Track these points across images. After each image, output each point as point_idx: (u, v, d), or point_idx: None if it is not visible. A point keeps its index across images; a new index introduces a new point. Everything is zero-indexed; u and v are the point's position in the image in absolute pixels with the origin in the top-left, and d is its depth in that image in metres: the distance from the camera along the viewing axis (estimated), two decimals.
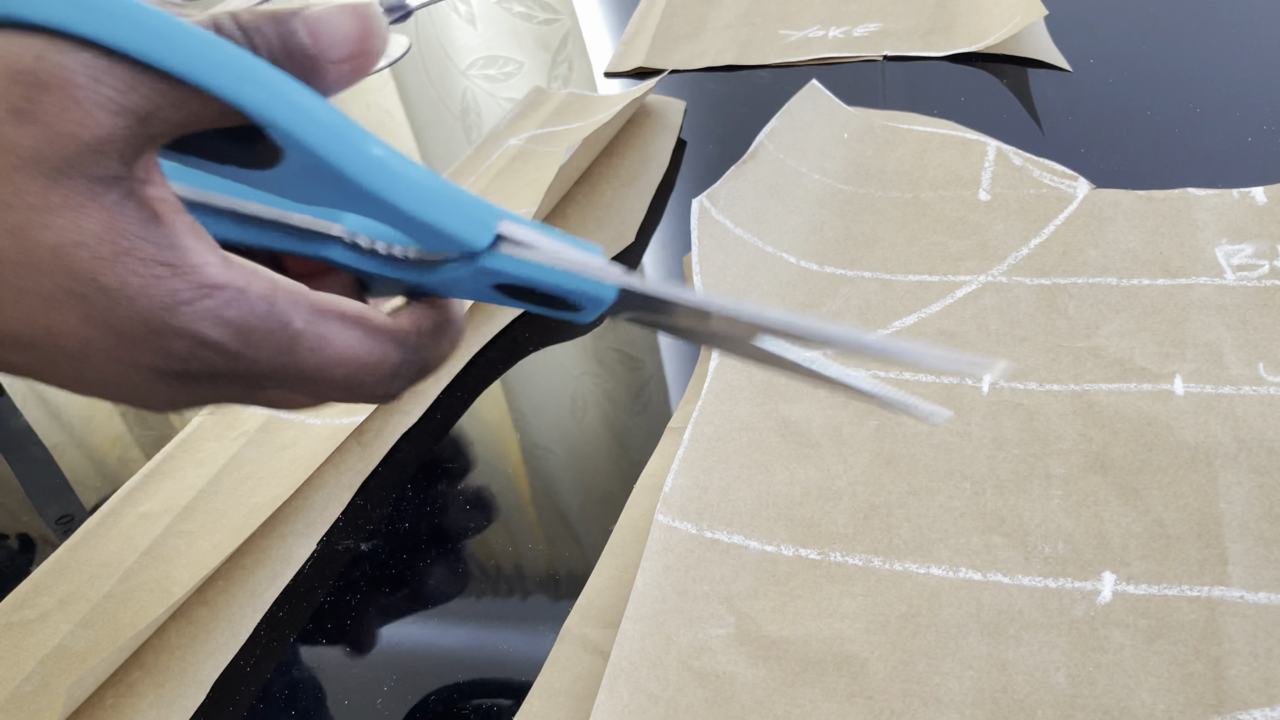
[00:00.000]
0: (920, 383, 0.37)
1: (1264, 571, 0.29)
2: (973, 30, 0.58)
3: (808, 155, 0.49)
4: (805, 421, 0.37)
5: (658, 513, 0.34)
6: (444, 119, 0.63)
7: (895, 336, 0.26)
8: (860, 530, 0.33)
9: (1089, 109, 0.50)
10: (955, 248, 0.43)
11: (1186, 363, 0.36)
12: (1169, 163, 0.46)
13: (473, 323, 0.44)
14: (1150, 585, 0.30)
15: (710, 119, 0.57)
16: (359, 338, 0.23)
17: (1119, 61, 0.53)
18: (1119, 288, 0.39)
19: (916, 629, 0.30)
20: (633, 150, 0.53)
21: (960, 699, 0.28)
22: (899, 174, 0.48)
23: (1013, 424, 0.35)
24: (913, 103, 0.53)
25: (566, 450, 0.40)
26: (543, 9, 0.73)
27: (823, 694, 0.29)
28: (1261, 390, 0.34)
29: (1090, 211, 0.43)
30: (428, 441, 0.41)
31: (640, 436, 0.39)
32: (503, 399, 0.43)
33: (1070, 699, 0.28)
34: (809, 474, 0.35)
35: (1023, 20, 0.54)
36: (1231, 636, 0.28)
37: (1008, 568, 0.31)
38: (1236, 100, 0.48)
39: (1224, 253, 0.40)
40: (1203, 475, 0.32)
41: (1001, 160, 0.46)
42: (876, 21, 0.61)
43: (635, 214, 0.49)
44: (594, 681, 0.30)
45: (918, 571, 0.32)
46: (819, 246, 0.44)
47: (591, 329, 0.45)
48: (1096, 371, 0.36)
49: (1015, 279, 0.41)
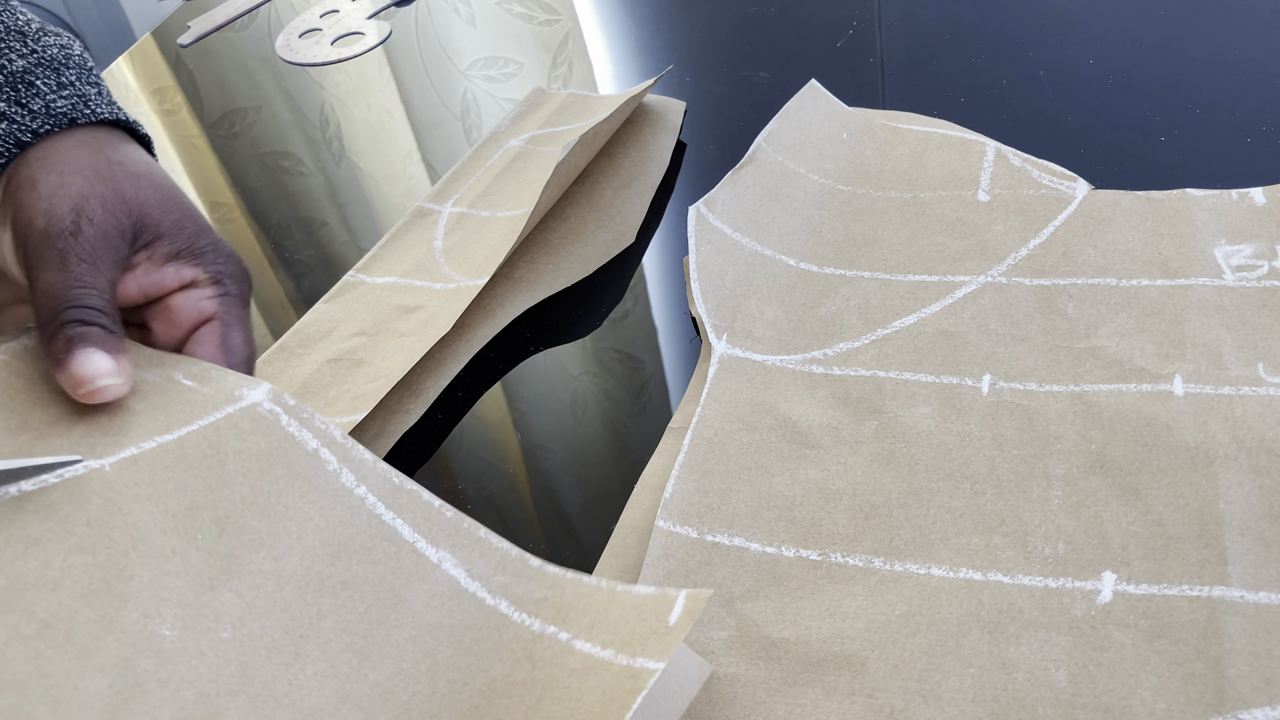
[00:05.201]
0: (920, 383, 0.38)
1: (1264, 571, 0.29)
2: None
3: (807, 156, 0.49)
4: (805, 422, 0.37)
5: (659, 519, 0.34)
6: (444, 119, 0.63)
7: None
8: (861, 531, 0.33)
9: (1089, 109, 0.50)
10: (955, 248, 0.43)
11: (1186, 363, 0.36)
12: (1168, 163, 0.46)
13: (473, 323, 0.44)
14: (1150, 585, 0.30)
15: (710, 119, 0.57)
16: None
17: (1119, 61, 0.53)
18: (1118, 288, 0.39)
19: (917, 628, 0.30)
20: (633, 151, 0.53)
21: (961, 697, 0.28)
22: (898, 174, 0.48)
23: (1013, 424, 0.35)
24: (912, 103, 0.53)
25: (566, 450, 0.40)
26: (543, 9, 0.73)
27: (824, 693, 0.29)
28: (1261, 390, 0.34)
29: (1089, 212, 0.43)
30: (428, 441, 0.41)
31: (640, 436, 0.39)
32: (503, 399, 0.43)
33: (1071, 698, 0.28)
34: (809, 475, 0.35)
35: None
36: (1232, 636, 0.28)
37: (1008, 567, 0.31)
38: (1236, 100, 0.48)
39: (1223, 253, 0.40)
40: (1203, 475, 0.32)
41: (1001, 161, 0.47)
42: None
43: (635, 215, 0.50)
44: None
45: (918, 571, 0.32)
46: (818, 247, 0.44)
47: (592, 329, 0.45)
48: (1096, 372, 0.36)
49: (1015, 279, 0.41)
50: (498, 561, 0.30)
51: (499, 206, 0.51)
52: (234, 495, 0.29)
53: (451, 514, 0.30)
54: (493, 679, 0.28)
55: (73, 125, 0.33)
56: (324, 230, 0.56)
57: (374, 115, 0.66)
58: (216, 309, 0.33)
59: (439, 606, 0.29)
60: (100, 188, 0.32)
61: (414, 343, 0.42)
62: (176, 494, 0.28)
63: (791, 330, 0.41)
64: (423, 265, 0.48)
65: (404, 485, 0.31)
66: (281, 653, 0.27)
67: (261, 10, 0.84)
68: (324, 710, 0.26)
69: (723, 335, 0.40)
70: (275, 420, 0.30)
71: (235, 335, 0.33)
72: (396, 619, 0.28)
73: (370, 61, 0.72)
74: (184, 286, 0.33)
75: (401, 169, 0.60)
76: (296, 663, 0.27)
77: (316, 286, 0.51)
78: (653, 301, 0.46)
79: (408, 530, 0.30)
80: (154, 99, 0.74)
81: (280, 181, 0.61)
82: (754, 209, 0.46)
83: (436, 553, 0.30)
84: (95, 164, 0.32)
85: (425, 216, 0.52)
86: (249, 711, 0.26)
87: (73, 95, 0.33)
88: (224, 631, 0.27)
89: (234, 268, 0.34)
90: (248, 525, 0.28)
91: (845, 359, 0.39)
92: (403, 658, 0.28)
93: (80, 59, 0.35)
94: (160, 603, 0.26)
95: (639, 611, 0.28)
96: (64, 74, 0.34)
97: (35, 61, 0.33)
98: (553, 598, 0.29)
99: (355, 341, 0.44)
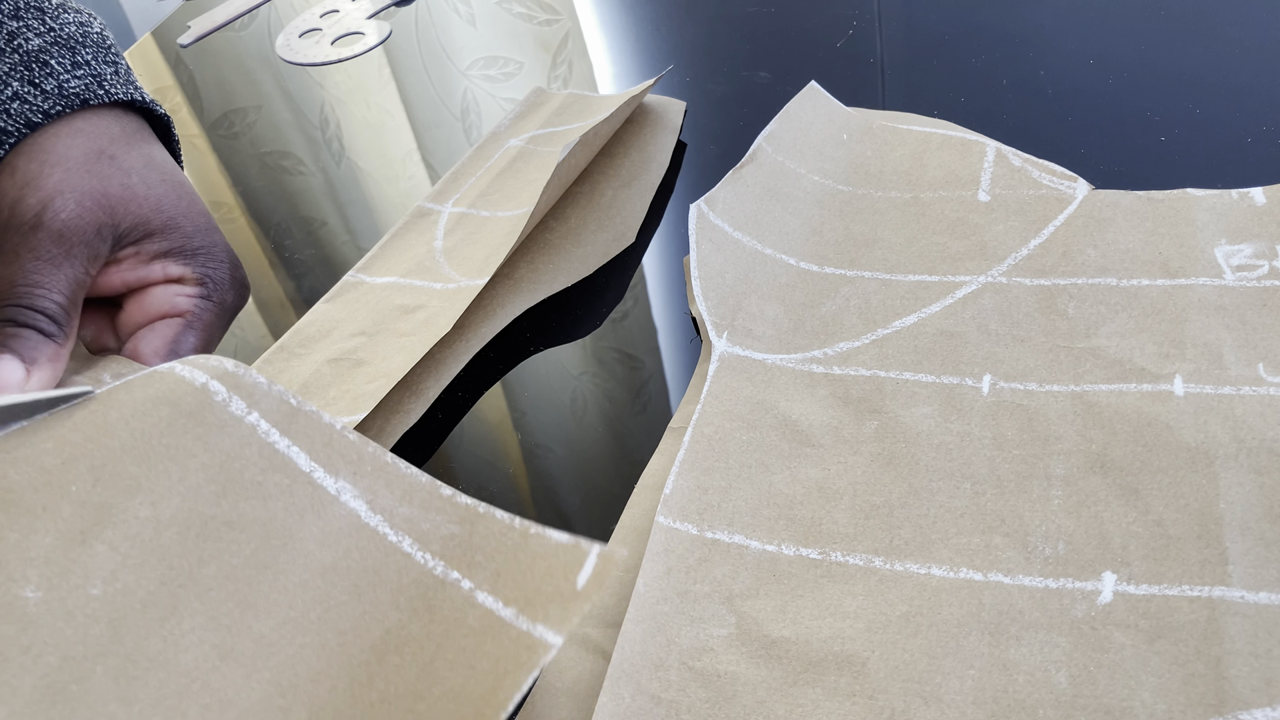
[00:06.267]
0: (920, 382, 0.37)
1: (1264, 571, 0.29)
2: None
3: (807, 156, 0.49)
4: (806, 421, 0.37)
5: (658, 515, 0.34)
6: (444, 119, 0.63)
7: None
8: (861, 530, 0.33)
9: (1089, 109, 0.50)
10: (955, 248, 0.43)
11: (1186, 363, 0.36)
12: (1168, 163, 0.46)
13: (473, 322, 0.44)
14: (1151, 585, 0.30)
15: (710, 119, 0.57)
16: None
17: (1119, 62, 0.53)
18: (1119, 288, 0.39)
19: (917, 628, 0.30)
20: (633, 151, 0.53)
21: (961, 698, 0.28)
22: (898, 174, 0.48)
23: (1013, 424, 0.35)
24: (912, 103, 0.53)
25: (566, 450, 0.40)
26: (543, 9, 0.73)
27: (824, 693, 0.29)
28: (1261, 390, 0.34)
29: (1090, 212, 0.43)
30: (428, 441, 0.41)
31: (640, 436, 0.39)
32: (503, 399, 0.43)
33: (1071, 699, 0.28)
34: (810, 474, 0.35)
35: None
36: (1232, 636, 0.28)
37: (1008, 568, 0.31)
38: (1236, 100, 0.48)
39: (1223, 253, 0.40)
40: (1203, 475, 0.32)
41: (1001, 161, 0.47)
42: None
43: (636, 215, 0.50)
44: (595, 682, 0.30)
45: (918, 571, 0.32)
46: (819, 247, 0.44)
47: (592, 329, 0.45)
48: (1096, 372, 0.36)
49: (1015, 279, 0.41)
50: (404, 491, 0.27)
51: (499, 206, 0.51)
52: (113, 442, 0.26)
53: (355, 437, 0.28)
54: (387, 629, 0.25)
55: (85, 106, 0.32)
56: (324, 230, 0.56)
57: (374, 115, 0.65)
58: (189, 308, 0.32)
59: (335, 545, 0.26)
60: (81, 182, 0.31)
61: (414, 343, 0.42)
62: (54, 450, 0.26)
63: (792, 329, 0.41)
64: (423, 265, 0.48)
65: (301, 407, 0.28)
66: (157, 607, 0.25)
67: (261, 10, 0.84)
68: (201, 668, 0.24)
69: (723, 333, 0.40)
70: (168, 370, 0.28)
71: (189, 338, 0.32)
72: (286, 561, 0.26)
73: (370, 61, 0.72)
74: (169, 281, 0.32)
75: (401, 169, 0.59)
76: (173, 617, 0.24)
77: (316, 286, 0.51)
78: (653, 301, 0.46)
79: (304, 459, 0.27)
80: (154, 99, 0.73)
81: (280, 181, 0.61)
82: (754, 208, 0.46)
83: (336, 483, 0.27)
84: (85, 156, 0.31)
85: (425, 216, 0.52)
86: (118, 673, 0.24)
87: (87, 75, 0.32)
88: (93, 588, 0.24)
89: (225, 275, 0.33)
90: (125, 471, 0.26)
91: (845, 358, 0.39)
92: (291, 605, 0.25)
93: (99, 36, 0.34)
94: (26, 564, 0.24)
95: (547, 564, 0.25)
96: (80, 53, 0.33)
97: (51, 40, 0.32)
98: (460, 535, 0.27)
99: (355, 341, 0.44)
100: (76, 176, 0.31)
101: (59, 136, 0.32)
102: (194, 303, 0.33)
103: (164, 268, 0.32)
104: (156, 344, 0.32)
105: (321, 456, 0.27)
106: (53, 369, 0.30)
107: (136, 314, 0.33)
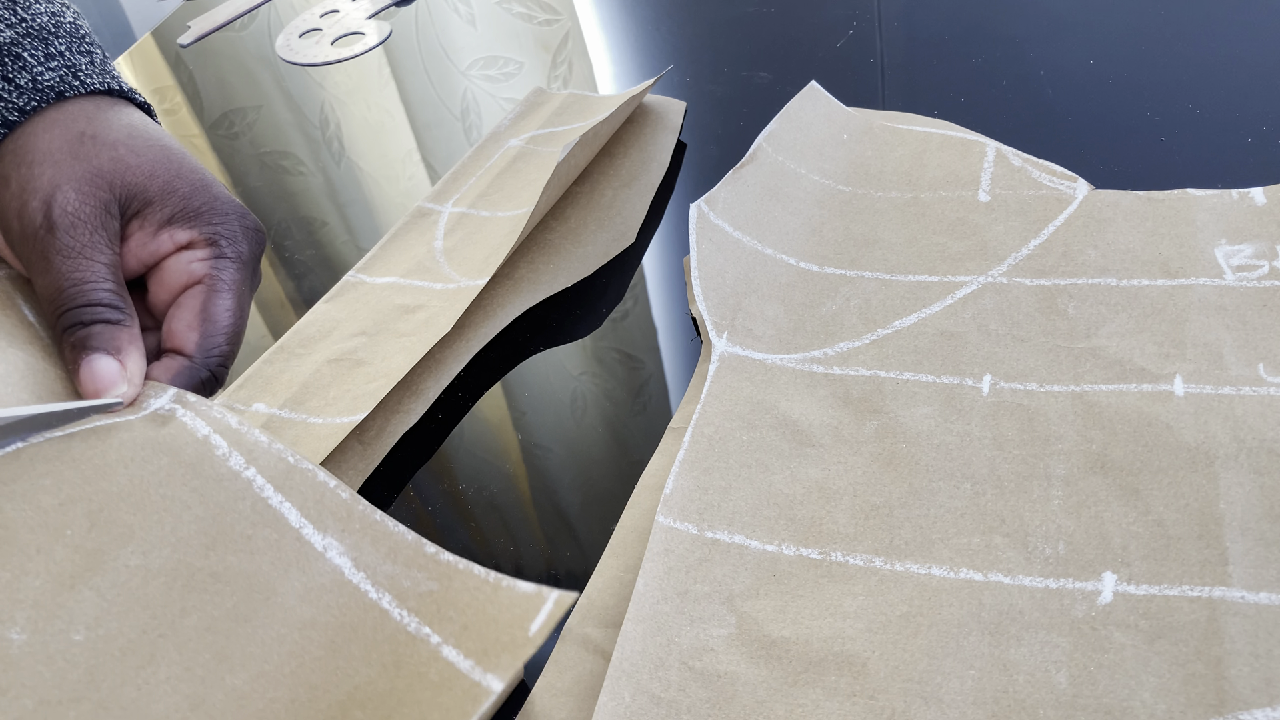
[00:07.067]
0: (920, 383, 0.38)
1: (1264, 571, 0.29)
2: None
3: (807, 156, 0.49)
4: (806, 421, 0.37)
5: (659, 514, 0.34)
6: (444, 119, 0.63)
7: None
8: (861, 530, 0.33)
9: (1089, 109, 0.50)
10: (955, 248, 0.43)
11: (1186, 363, 0.36)
12: (1168, 163, 0.46)
13: (473, 322, 0.44)
14: (1151, 585, 0.30)
15: (710, 119, 0.57)
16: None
17: (1119, 61, 0.53)
18: (1119, 288, 0.39)
19: (917, 629, 0.30)
20: (633, 151, 0.53)
21: (961, 699, 0.28)
22: (898, 175, 0.48)
23: (1013, 424, 0.35)
24: (912, 103, 0.53)
25: (566, 450, 0.40)
26: (543, 9, 0.73)
27: (824, 693, 0.29)
28: (1261, 390, 0.34)
29: (1090, 212, 0.43)
30: (428, 441, 0.41)
31: (640, 436, 0.39)
32: (503, 399, 0.43)
33: (1071, 699, 0.28)
34: (810, 474, 0.35)
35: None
36: (1232, 637, 0.28)
37: (1008, 568, 0.31)
38: (1236, 101, 0.48)
39: (1224, 253, 0.40)
40: (1203, 475, 0.32)
41: (1001, 161, 0.47)
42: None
43: (636, 215, 0.50)
44: (595, 682, 0.30)
45: (918, 571, 0.32)
46: (819, 247, 0.44)
47: (592, 329, 0.45)
48: (1096, 372, 0.36)
49: (1015, 280, 0.41)
50: (390, 549, 0.28)
51: (499, 206, 0.51)
52: (111, 487, 0.27)
53: (347, 495, 0.29)
54: (356, 685, 0.26)
55: (61, 99, 0.31)
56: (324, 230, 0.56)
57: (374, 115, 0.65)
58: (207, 271, 0.32)
59: (315, 600, 0.27)
60: (73, 169, 0.30)
61: (414, 343, 0.42)
62: (53, 489, 0.26)
63: (792, 329, 0.41)
64: (423, 265, 0.48)
65: (298, 465, 0.28)
66: (135, 655, 0.25)
67: (261, 10, 0.84)
68: (171, 717, 0.24)
69: (723, 333, 0.40)
70: (171, 415, 0.28)
71: (219, 302, 0.31)
72: (266, 615, 0.26)
73: (370, 61, 0.72)
74: (179, 249, 0.31)
75: (401, 169, 0.59)
76: (150, 665, 0.25)
77: (316, 286, 0.51)
78: (653, 301, 0.46)
79: (295, 515, 0.28)
80: (154, 99, 0.73)
81: (280, 181, 0.61)
82: (754, 208, 0.46)
83: (323, 539, 0.28)
84: (67, 144, 0.31)
85: (425, 216, 0.52)
86: (90, 719, 0.24)
87: (61, 67, 0.31)
88: (76, 633, 0.25)
89: (234, 227, 0.32)
90: (120, 519, 0.26)
91: (845, 358, 0.39)
92: (266, 659, 0.26)
93: (71, 26, 0.33)
94: (15, 605, 0.25)
95: (510, 614, 0.26)
96: (53, 44, 0.32)
97: (23, 32, 0.31)
98: (438, 591, 0.27)
99: (355, 341, 0.44)
100: (66, 166, 0.30)
101: (36, 134, 0.31)
102: (210, 264, 0.32)
103: (171, 236, 0.31)
104: (188, 319, 0.31)
105: (312, 513, 0.28)
106: (137, 351, 0.29)
107: (161, 292, 0.32)
